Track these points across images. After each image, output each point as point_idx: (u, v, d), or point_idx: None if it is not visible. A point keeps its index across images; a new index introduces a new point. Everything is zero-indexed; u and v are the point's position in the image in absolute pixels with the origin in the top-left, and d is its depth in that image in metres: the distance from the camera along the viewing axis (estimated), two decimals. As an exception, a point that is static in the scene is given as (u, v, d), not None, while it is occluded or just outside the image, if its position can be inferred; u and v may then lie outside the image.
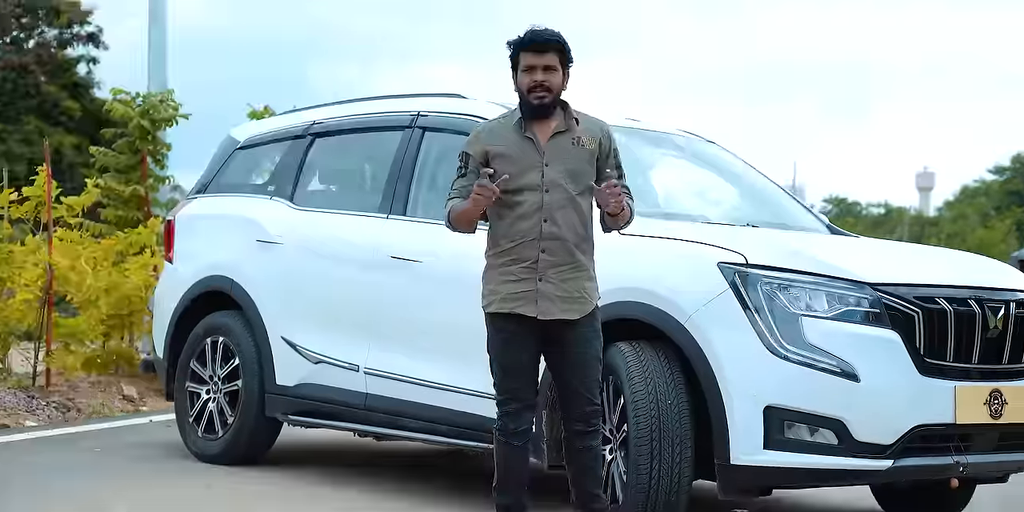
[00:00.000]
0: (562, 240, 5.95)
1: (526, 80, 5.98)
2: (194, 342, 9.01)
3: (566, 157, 6.00)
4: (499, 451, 6.06)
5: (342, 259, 8.27)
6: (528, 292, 5.94)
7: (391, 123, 8.54)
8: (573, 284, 5.97)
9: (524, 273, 5.95)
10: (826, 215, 8.66)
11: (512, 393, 6.01)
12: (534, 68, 5.97)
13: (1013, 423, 6.71)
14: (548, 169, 5.97)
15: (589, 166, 6.04)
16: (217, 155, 9.80)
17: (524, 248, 5.94)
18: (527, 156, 5.99)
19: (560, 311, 5.94)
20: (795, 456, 6.33)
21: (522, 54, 6.00)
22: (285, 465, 8.81)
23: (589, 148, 6.04)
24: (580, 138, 6.04)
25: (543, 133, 6.03)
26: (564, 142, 6.02)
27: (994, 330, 6.70)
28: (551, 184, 5.95)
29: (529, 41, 5.98)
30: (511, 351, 5.99)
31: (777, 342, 6.36)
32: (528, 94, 5.99)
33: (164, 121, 14.26)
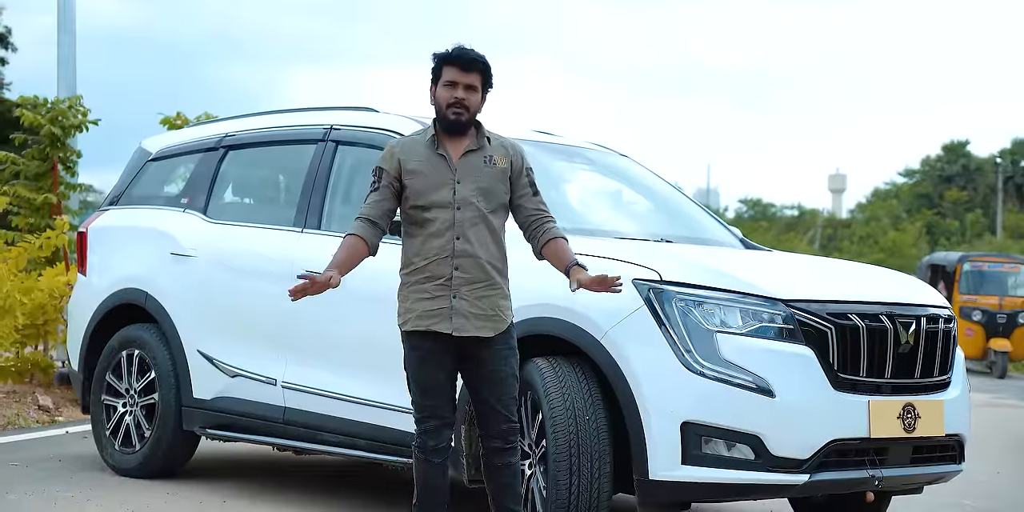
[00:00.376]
0: (475, 257, 5.97)
1: (446, 95, 5.99)
2: (109, 355, 8.96)
3: (478, 175, 6.03)
4: (418, 468, 6.07)
5: (257, 273, 8.25)
6: (443, 309, 5.95)
7: (304, 136, 8.53)
8: (487, 302, 5.99)
9: (438, 290, 5.96)
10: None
11: (430, 410, 6.02)
12: (456, 84, 5.99)
13: (926, 436, 6.81)
14: (460, 186, 5.99)
15: (501, 184, 6.08)
16: (129, 166, 9.76)
17: (437, 265, 5.96)
18: (439, 173, 6.00)
19: (475, 328, 5.96)
20: (713, 471, 6.38)
21: (446, 68, 6.01)
22: (203, 479, 8.78)
23: (501, 167, 6.08)
24: (492, 156, 6.07)
25: (455, 150, 6.05)
26: (476, 160, 6.05)
27: (906, 345, 6.79)
28: (463, 202, 5.98)
29: (456, 57, 5.99)
30: (428, 369, 6.00)
31: (692, 358, 6.41)
32: (446, 109, 6.00)
33: (73, 128, 14.16)
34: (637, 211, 8.69)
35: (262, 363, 8.10)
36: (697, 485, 6.41)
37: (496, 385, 6.02)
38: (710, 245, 8.04)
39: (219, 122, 9.40)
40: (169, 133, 10.24)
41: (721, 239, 8.37)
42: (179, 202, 9.06)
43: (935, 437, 6.88)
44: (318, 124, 8.45)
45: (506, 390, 6.04)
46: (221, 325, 8.39)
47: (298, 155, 8.46)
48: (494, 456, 6.08)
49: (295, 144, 8.59)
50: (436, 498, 6.07)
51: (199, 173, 9.07)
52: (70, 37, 15.22)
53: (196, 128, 9.63)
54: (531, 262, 6.72)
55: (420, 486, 6.08)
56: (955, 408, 7.03)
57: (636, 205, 8.74)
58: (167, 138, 9.81)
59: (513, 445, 6.08)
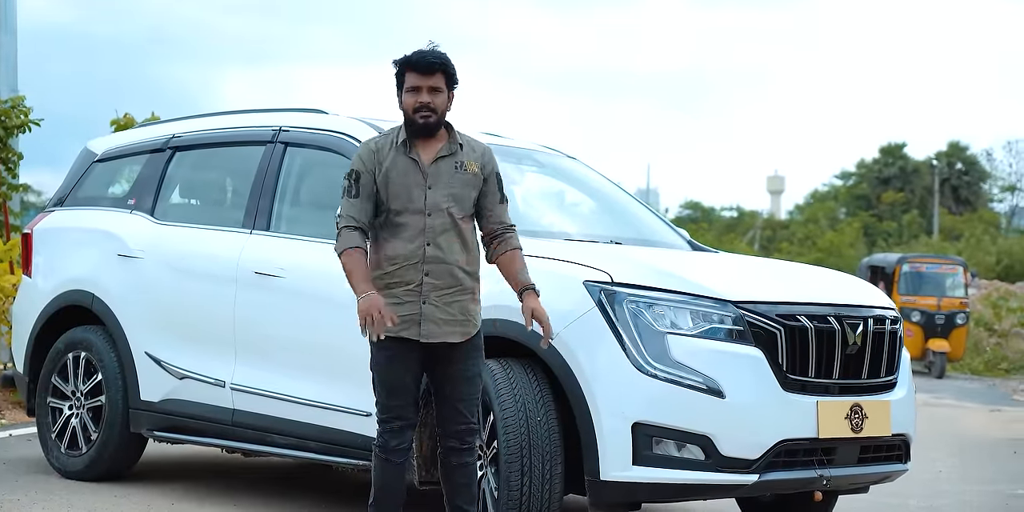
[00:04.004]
0: (445, 263, 5.98)
1: (411, 100, 5.99)
2: (55, 357, 8.92)
3: (449, 181, 6.03)
4: (377, 468, 6.07)
5: (205, 274, 8.22)
6: (412, 315, 5.95)
7: (253, 138, 8.51)
8: (457, 306, 6.00)
9: (408, 296, 5.96)
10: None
11: (395, 411, 6.01)
12: (419, 89, 5.98)
13: (873, 436, 6.88)
14: (431, 192, 5.99)
15: (472, 190, 6.08)
16: (74, 168, 9.70)
17: (407, 271, 5.95)
18: (410, 178, 5.99)
19: (444, 334, 5.97)
20: (663, 471, 6.42)
21: (408, 74, 6.00)
22: (151, 481, 8.75)
23: (472, 172, 6.08)
24: (464, 162, 6.07)
25: (427, 155, 6.04)
26: (447, 166, 6.04)
27: (853, 346, 6.86)
28: (434, 208, 5.98)
29: (416, 62, 5.98)
30: (395, 371, 6.00)
31: (643, 359, 6.44)
32: (413, 114, 5.99)
33: (16, 128, 14.06)
34: (586, 213, 8.73)
35: (210, 365, 8.07)
36: (648, 485, 6.44)
37: (460, 385, 6.04)
38: (659, 247, 8.08)
39: (166, 123, 9.35)
40: (115, 134, 10.17)
41: (669, 241, 8.41)
42: (126, 203, 9.01)
43: (882, 437, 6.96)
44: (267, 125, 8.43)
45: (469, 390, 6.06)
46: (169, 327, 8.36)
47: (247, 156, 8.44)
48: (451, 456, 6.10)
49: (243, 145, 8.56)
50: (393, 499, 6.08)
51: (146, 174, 9.03)
52: (10, 37, 15.14)
53: (143, 129, 9.58)
54: (482, 265, 6.76)
55: (378, 486, 6.07)
56: (901, 408, 7.11)
57: (585, 207, 8.77)
58: (113, 139, 9.76)
59: (470, 446, 6.10)
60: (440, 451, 6.15)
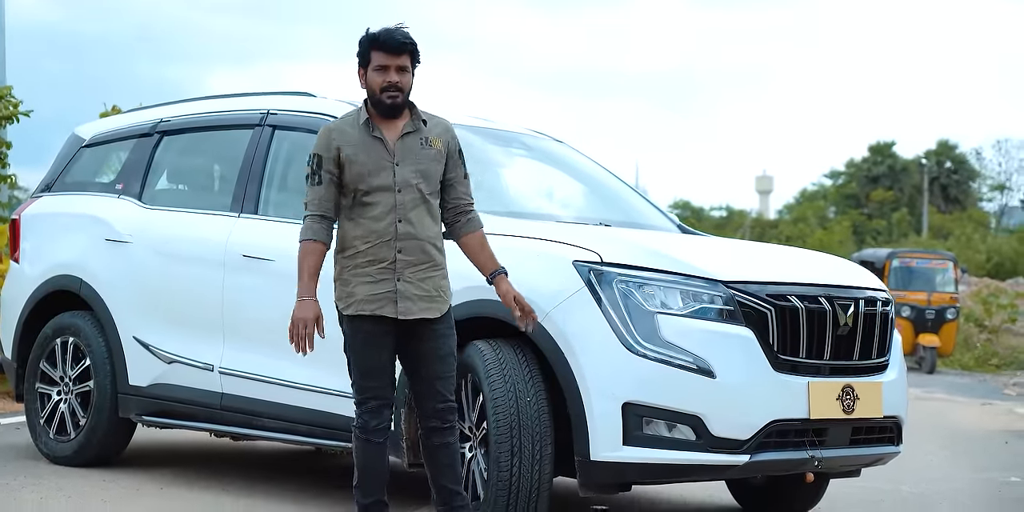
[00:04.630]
0: (418, 239, 5.96)
1: (379, 79, 5.95)
2: (43, 343, 8.88)
3: (416, 157, 6.01)
4: (359, 449, 6.04)
5: (193, 258, 8.19)
6: (388, 293, 5.93)
7: (240, 121, 8.48)
8: (431, 283, 5.98)
9: (382, 274, 5.94)
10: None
11: (372, 391, 5.99)
12: (387, 68, 5.95)
13: (865, 418, 6.85)
14: (399, 169, 5.97)
15: (438, 165, 6.06)
16: (62, 153, 9.67)
17: (380, 249, 5.93)
18: (377, 156, 5.97)
19: (420, 310, 5.95)
20: (654, 452, 6.38)
21: (375, 53, 5.95)
22: (140, 466, 8.72)
23: (437, 148, 6.07)
24: (428, 138, 6.05)
25: (391, 133, 6.02)
26: (413, 142, 6.02)
27: (844, 327, 6.83)
28: (403, 184, 5.96)
29: (385, 41, 5.94)
30: (370, 351, 5.98)
31: (633, 339, 6.40)
32: (380, 93, 5.97)
33: (4, 119, 14.01)
34: (574, 196, 8.71)
35: (198, 349, 8.04)
36: (638, 466, 6.41)
37: (434, 364, 6.01)
38: (648, 230, 8.05)
39: (153, 108, 9.31)
40: (103, 120, 10.13)
41: (659, 224, 8.39)
42: (113, 188, 8.98)
43: (873, 418, 6.92)
44: (254, 109, 8.41)
45: (444, 369, 6.03)
46: (157, 311, 8.33)
47: (234, 140, 8.41)
48: (432, 436, 6.07)
49: (231, 129, 8.54)
50: (376, 478, 6.04)
51: (134, 159, 9.00)
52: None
53: (130, 114, 9.54)
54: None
55: (360, 467, 6.04)
56: (893, 390, 7.08)
57: (573, 190, 8.74)
58: (101, 124, 9.72)
59: (451, 425, 6.07)
60: (420, 432, 6.12)
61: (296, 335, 5.87)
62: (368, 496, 6.05)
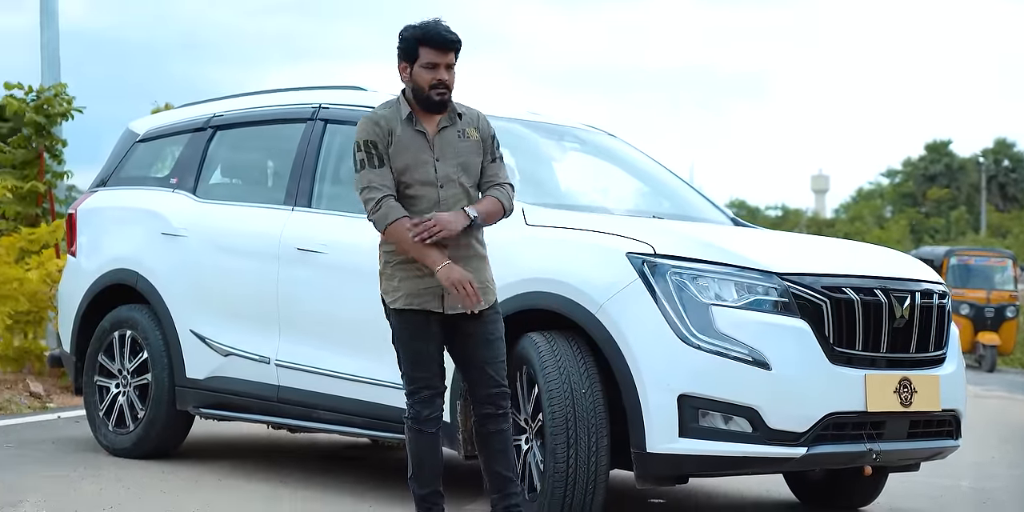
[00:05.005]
0: (466, 234, 5.95)
1: (428, 77, 5.95)
2: (101, 336, 8.94)
3: (456, 151, 6.02)
4: (412, 440, 6.05)
5: (248, 251, 8.22)
6: (434, 288, 5.93)
7: (293, 115, 8.51)
8: (476, 276, 5.96)
9: (427, 269, 5.92)
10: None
11: (422, 381, 6.01)
12: (437, 66, 5.95)
13: (922, 411, 6.80)
14: (440, 164, 5.97)
15: (477, 157, 6.07)
16: (117, 148, 9.73)
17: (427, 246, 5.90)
18: (419, 150, 5.97)
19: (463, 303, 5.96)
20: (710, 444, 6.36)
21: (424, 49, 5.95)
22: (198, 458, 8.77)
23: (474, 139, 6.08)
24: (465, 130, 6.07)
25: (431, 126, 6.02)
26: (451, 136, 6.04)
27: (901, 319, 6.79)
28: (445, 179, 5.97)
29: (436, 39, 5.94)
30: (418, 342, 5.99)
31: (688, 331, 6.39)
32: (429, 90, 5.96)
33: (59, 115, 14.10)
34: (627, 189, 8.69)
35: (255, 342, 8.08)
36: (694, 458, 6.39)
37: (484, 349, 6.02)
38: (701, 223, 8.03)
39: (207, 103, 9.35)
40: (157, 114, 10.20)
41: (712, 217, 8.36)
42: (168, 182, 9.03)
43: (932, 412, 6.87)
44: (307, 103, 8.43)
45: (495, 354, 6.04)
46: (213, 304, 8.37)
47: (287, 134, 8.44)
48: (486, 422, 6.07)
49: (284, 123, 8.57)
50: (431, 469, 6.06)
51: (188, 153, 9.05)
52: (53, 27, 15.13)
53: (184, 109, 9.59)
54: (524, 235, 6.77)
55: (414, 458, 6.06)
56: (951, 383, 7.02)
57: (626, 184, 8.73)
58: (155, 119, 9.77)
59: (505, 411, 6.07)
60: (474, 419, 6.12)
61: (467, 294, 5.77)
62: (424, 487, 6.06)
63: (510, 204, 6.10)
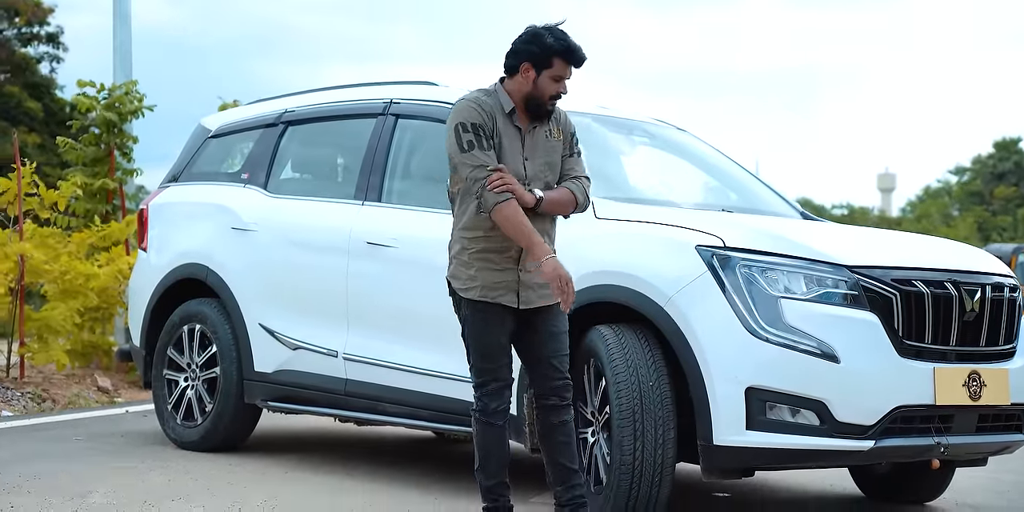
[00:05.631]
0: (544, 231, 5.98)
1: (552, 88, 5.98)
2: (171, 330, 9.02)
3: (544, 150, 6.06)
4: (479, 433, 6.07)
5: (318, 246, 8.27)
6: (510, 282, 5.96)
7: (364, 110, 8.55)
8: None
9: (506, 262, 5.96)
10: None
11: (491, 373, 6.02)
12: (563, 79, 6.00)
13: (991, 405, 6.75)
14: (529, 163, 6.01)
15: (559, 156, 6.12)
16: (189, 144, 9.82)
17: (507, 238, 5.92)
18: (513, 146, 5.99)
19: (539, 298, 6.00)
20: (777, 437, 6.34)
21: (558, 61, 5.96)
22: (265, 451, 8.83)
23: (558, 139, 6.12)
24: (551, 130, 6.11)
25: (524, 125, 6.05)
26: (540, 135, 6.08)
27: (971, 313, 6.74)
28: (533, 177, 6.00)
29: (572, 54, 5.96)
30: (490, 333, 6.00)
31: (757, 324, 6.37)
32: (547, 100, 6.00)
33: (130, 113, 14.22)
34: (696, 183, 8.69)
35: (323, 335, 8.12)
36: (762, 450, 6.37)
37: (551, 343, 6.04)
38: (771, 216, 8.01)
39: (278, 99, 9.41)
40: (228, 110, 10.30)
41: (781, 211, 8.34)
42: (239, 178, 9.10)
43: (1000, 405, 6.82)
44: (378, 98, 8.48)
45: (560, 346, 6.06)
46: (282, 298, 8.42)
47: (358, 129, 8.49)
48: (550, 414, 6.08)
49: (355, 118, 8.61)
50: (498, 461, 6.07)
51: (259, 149, 9.11)
52: (126, 25, 15.30)
53: (255, 105, 9.65)
54: (591, 231, 6.77)
55: (481, 450, 6.08)
56: (1021, 377, 6.96)
57: (695, 177, 8.72)
58: (227, 115, 9.86)
59: (568, 402, 6.08)
60: (538, 412, 6.13)
61: (564, 292, 5.75)
62: (491, 478, 6.08)
63: (584, 197, 6.10)
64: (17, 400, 11.12)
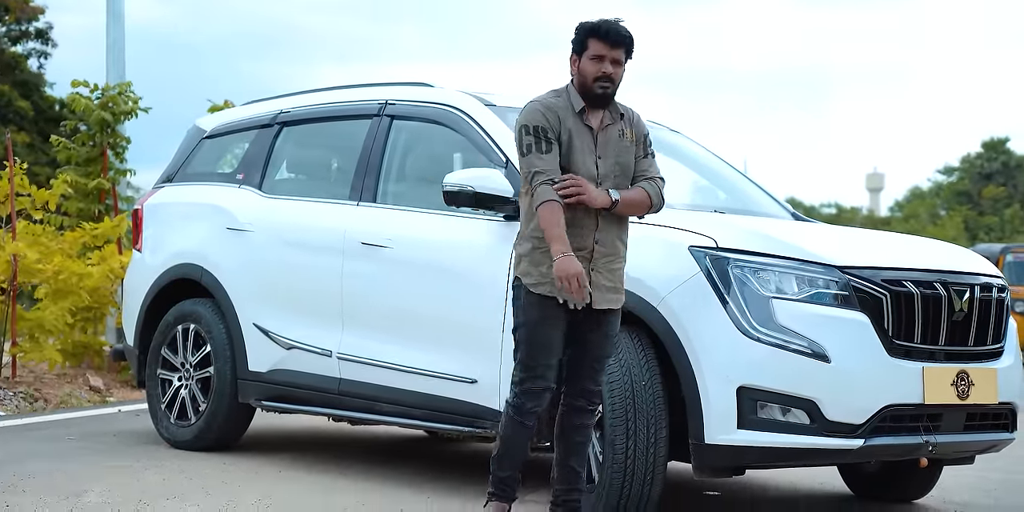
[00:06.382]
0: (612, 233, 6.01)
1: (593, 69, 5.96)
2: (165, 329, 9.06)
3: (617, 150, 6.05)
4: (508, 427, 6.04)
5: (313, 246, 8.32)
6: None
7: (359, 112, 8.59)
8: (618, 274, 6.03)
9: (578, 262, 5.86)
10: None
11: (538, 371, 5.93)
12: (603, 58, 5.96)
13: (979, 404, 6.84)
14: (601, 162, 6.01)
15: (632, 157, 6.11)
16: (184, 144, 9.87)
17: (580, 236, 5.92)
18: (584, 145, 5.99)
19: (607, 301, 6.00)
20: (768, 435, 6.41)
21: (592, 42, 5.97)
22: (258, 450, 8.88)
23: (631, 139, 6.11)
24: (624, 130, 6.10)
25: (595, 122, 6.04)
26: (613, 134, 6.07)
27: (960, 313, 6.82)
28: (605, 177, 6.00)
29: (606, 32, 5.95)
30: (546, 330, 5.94)
31: (748, 324, 6.44)
32: (593, 83, 5.98)
33: (124, 114, 14.26)
34: (689, 184, 8.74)
35: (317, 335, 8.17)
36: (752, 449, 6.44)
37: (601, 346, 6.06)
38: (762, 217, 8.07)
39: (273, 99, 9.46)
40: (223, 111, 10.34)
41: (773, 212, 8.41)
42: (234, 178, 9.14)
43: (988, 405, 6.91)
44: (373, 99, 8.52)
45: (606, 351, 6.09)
46: (276, 298, 8.47)
47: (353, 130, 8.53)
48: (574, 415, 6.10)
49: (350, 119, 8.66)
50: (517, 457, 6.09)
51: (254, 149, 9.15)
52: (119, 25, 15.32)
53: (250, 106, 9.70)
54: None
55: (504, 443, 6.06)
56: (1008, 376, 7.06)
57: (688, 178, 8.78)
58: (221, 116, 9.91)
59: (595, 408, 6.12)
60: (562, 410, 6.13)
61: (573, 289, 5.72)
62: (505, 470, 6.09)
63: (659, 199, 6.13)
64: (9, 400, 11.17)
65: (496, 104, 7.89)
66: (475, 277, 7.34)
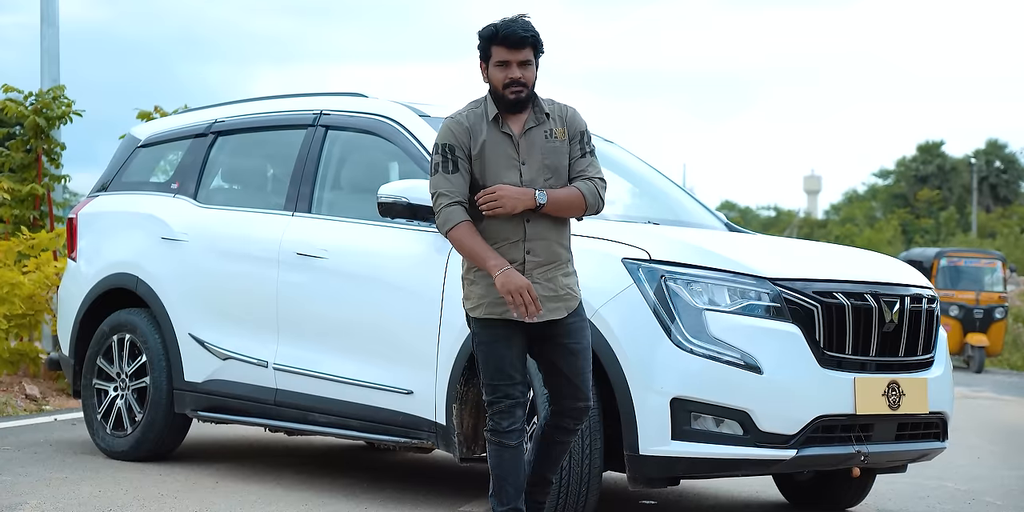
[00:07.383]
0: (547, 240, 5.83)
1: (501, 76, 5.76)
2: (100, 339, 9.03)
3: (544, 152, 5.82)
4: (494, 455, 5.88)
5: (248, 256, 8.31)
6: None
7: (294, 121, 8.60)
8: (558, 282, 5.83)
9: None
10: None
11: (503, 390, 5.82)
12: (509, 64, 5.76)
13: (910, 413, 6.93)
14: (525, 168, 5.80)
15: (565, 158, 5.88)
16: (118, 153, 9.83)
17: (508, 250, 5.77)
18: (504, 153, 5.79)
19: (549, 311, 5.80)
20: (702, 446, 6.48)
21: (495, 48, 5.76)
22: (195, 461, 8.85)
23: (562, 139, 5.87)
24: (552, 130, 5.86)
25: (516, 128, 5.84)
26: (537, 136, 5.84)
27: (890, 324, 6.91)
28: (530, 184, 5.78)
29: (504, 36, 5.74)
30: (499, 350, 5.83)
31: (682, 336, 6.49)
32: (503, 90, 5.77)
33: (58, 118, 14.19)
34: (623, 195, 8.79)
35: (253, 345, 8.17)
36: (686, 460, 6.50)
37: (572, 359, 5.89)
38: (696, 228, 8.13)
39: (208, 109, 9.44)
40: (159, 120, 10.31)
41: (706, 223, 8.47)
42: (169, 187, 9.12)
43: (919, 414, 7.00)
44: (308, 109, 8.53)
45: (583, 364, 5.91)
46: (212, 308, 8.46)
47: (288, 140, 8.54)
48: (557, 433, 6.02)
49: (285, 129, 8.66)
50: (514, 486, 5.90)
51: (189, 159, 9.13)
52: (52, 29, 15.22)
53: (186, 115, 9.69)
54: None
55: (497, 475, 5.90)
56: (939, 386, 7.15)
57: (622, 189, 8.82)
58: (156, 125, 9.88)
59: (579, 427, 6.02)
60: (547, 426, 6.04)
61: (523, 303, 5.59)
62: (504, 504, 5.91)
63: (595, 199, 5.89)
64: (-57, 409, 11.09)
65: (430, 115, 7.91)
66: (410, 287, 7.36)
